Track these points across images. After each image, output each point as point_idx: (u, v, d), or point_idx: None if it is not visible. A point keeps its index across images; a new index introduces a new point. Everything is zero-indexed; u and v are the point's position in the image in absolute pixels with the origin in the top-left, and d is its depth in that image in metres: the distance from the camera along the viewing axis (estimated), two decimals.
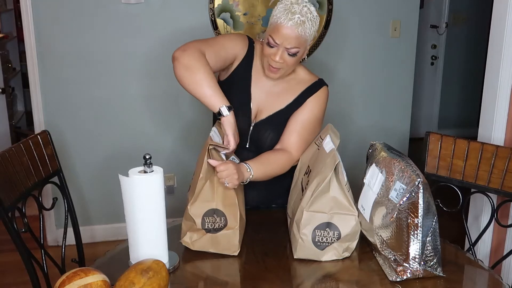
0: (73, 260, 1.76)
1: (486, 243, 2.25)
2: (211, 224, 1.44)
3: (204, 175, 1.44)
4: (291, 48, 1.58)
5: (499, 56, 2.09)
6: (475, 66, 5.09)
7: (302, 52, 1.63)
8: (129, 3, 2.87)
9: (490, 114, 2.17)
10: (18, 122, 4.63)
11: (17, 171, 1.57)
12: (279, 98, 1.74)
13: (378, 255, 1.42)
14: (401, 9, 3.28)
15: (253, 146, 1.75)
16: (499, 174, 1.70)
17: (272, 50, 1.61)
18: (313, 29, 1.59)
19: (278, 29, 1.57)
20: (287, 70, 1.68)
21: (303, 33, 1.56)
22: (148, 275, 1.16)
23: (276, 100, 1.74)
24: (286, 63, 1.63)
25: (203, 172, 1.44)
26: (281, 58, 1.61)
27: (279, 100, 1.74)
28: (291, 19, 1.55)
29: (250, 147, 1.75)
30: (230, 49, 1.72)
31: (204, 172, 1.44)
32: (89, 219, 3.13)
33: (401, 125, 3.51)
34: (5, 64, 4.08)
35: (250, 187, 1.63)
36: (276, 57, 1.61)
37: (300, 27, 1.55)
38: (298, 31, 1.56)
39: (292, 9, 1.56)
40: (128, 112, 3.04)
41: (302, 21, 1.55)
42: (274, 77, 1.69)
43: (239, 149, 1.69)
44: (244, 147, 1.74)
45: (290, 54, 1.60)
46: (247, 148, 1.75)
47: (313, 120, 1.73)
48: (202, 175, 1.44)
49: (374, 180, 1.43)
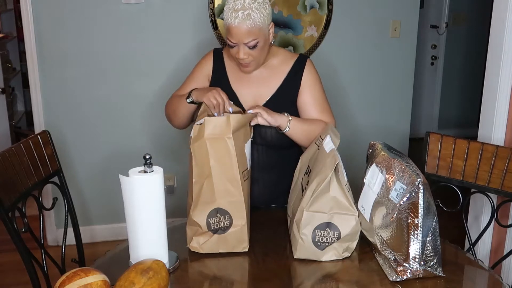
0: (73, 260, 1.76)
1: (486, 243, 2.25)
2: (216, 225, 1.44)
3: (198, 178, 1.43)
4: (248, 42, 1.63)
5: (499, 56, 2.09)
6: (475, 66, 5.09)
7: (263, 40, 1.66)
8: (129, 3, 2.87)
9: (490, 114, 2.17)
10: (18, 122, 4.63)
11: (17, 171, 1.57)
12: (266, 85, 1.79)
13: (378, 255, 1.42)
14: (401, 9, 3.28)
15: (259, 138, 1.75)
16: (499, 174, 1.70)
17: (234, 50, 1.67)
18: (262, 16, 1.62)
19: (229, 30, 1.63)
20: (258, 61, 1.72)
21: (253, 24, 1.60)
22: (148, 275, 1.16)
23: (265, 87, 1.78)
24: (253, 56, 1.68)
25: (195, 176, 1.43)
26: (245, 54, 1.66)
27: (268, 86, 1.79)
28: (236, 17, 1.59)
29: (255, 139, 1.75)
30: (199, 76, 1.84)
31: (196, 176, 1.43)
32: (89, 219, 3.13)
33: (401, 125, 3.51)
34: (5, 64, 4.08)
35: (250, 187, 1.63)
36: (240, 55, 1.66)
37: (247, 21, 1.59)
38: (247, 25, 1.60)
39: (235, 6, 1.60)
40: (128, 112, 3.04)
41: (247, 15, 1.59)
42: (250, 72, 1.75)
43: None
44: None
45: (251, 47, 1.65)
46: (252, 141, 1.75)
47: (320, 93, 1.81)
48: (196, 179, 1.43)
49: (374, 180, 1.43)
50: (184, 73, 3.02)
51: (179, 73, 3.05)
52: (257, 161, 1.78)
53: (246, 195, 1.48)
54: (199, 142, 1.42)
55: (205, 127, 1.42)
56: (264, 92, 1.78)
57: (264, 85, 1.78)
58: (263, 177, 1.79)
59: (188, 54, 3.02)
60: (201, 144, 1.42)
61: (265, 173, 1.80)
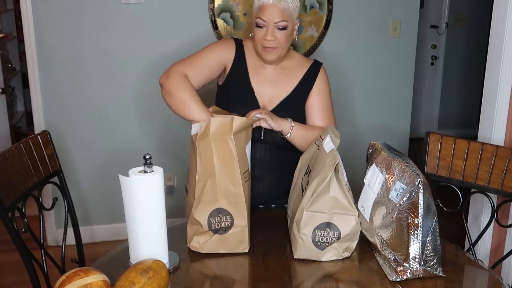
0: (73, 260, 1.76)
1: (486, 243, 2.25)
2: (217, 224, 1.44)
3: (201, 176, 1.43)
4: (279, 22, 1.67)
5: (499, 56, 2.09)
6: (475, 66, 5.09)
7: (291, 27, 1.70)
8: (129, 3, 2.87)
9: (490, 114, 2.17)
10: (18, 122, 4.63)
11: (17, 171, 1.57)
12: (282, 86, 1.80)
13: (378, 255, 1.42)
14: (401, 9, 3.28)
15: (268, 137, 1.76)
16: (499, 174, 1.70)
17: (262, 31, 1.69)
18: (294, 4, 1.69)
19: (262, 9, 1.67)
20: (282, 49, 1.73)
21: (286, 6, 1.66)
22: (148, 275, 1.16)
23: (280, 88, 1.80)
24: (279, 40, 1.69)
25: (198, 173, 1.42)
26: (272, 35, 1.68)
27: (283, 88, 1.80)
28: None
29: (265, 137, 1.76)
30: (214, 60, 1.79)
31: (200, 173, 1.43)
32: (89, 219, 3.13)
33: (401, 125, 3.51)
34: (5, 64, 4.08)
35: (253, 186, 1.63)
36: (267, 36, 1.68)
37: (281, 1, 1.66)
38: (281, 5, 1.66)
39: None
40: (128, 112, 3.04)
41: None
42: (272, 59, 1.74)
43: (254, 142, 1.72)
44: (259, 139, 1.76)
45: (280, 28, 1.68)
46: (262, 140, 1.77)
47: (328, 100, 1.84)
48: (199, 177, 1.42)
49: (374, 180, 1.43)
50: None
51: None
52: (264, 159, 1.79)
53: (247, 196, 1.48)
54: (205, 140, 1.43)
55: (211, 126, 1.42)
56: (279, 92, 1.80)
57: (279, 85, 1.80)
58: (267, 175, 1.80)
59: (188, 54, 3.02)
60: (207, 143, 1.42)
61: (270, 172, 1.81)
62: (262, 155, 1.78)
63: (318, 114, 1.81)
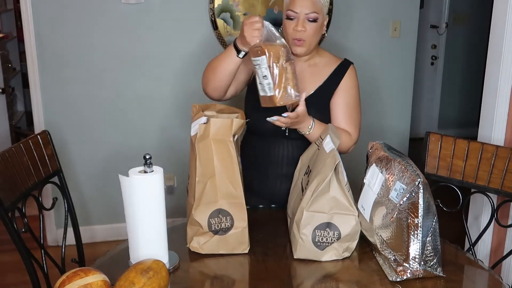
0: (73, 260, 1.76)
1: (486, 243, 2.25)
2: (217, 225, 1.44)
3: (201, 178, 1.43)
4: (310, 13, 1.68)
5: (499, 56, 2.09)
6: (475, 66, 5.09)
7: (321, 20, 1.72)
8: (129, 3, 2.87)
9: (490, 114, 2.17)
10: (18, 122, 4.63)
11: (17, 171, 1.57)
12: (308, 83, 1.79)
13: (378, 255, 1.42)
14: (401, 9, 3.28)
15: (293, 133, 1.74)
16: (499, 174, 1.70)
17: (293, 23, 1.70)
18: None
19: (294, 1, 1.68)
20: (310, 43, 1.73)
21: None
22: (148, 275, 1.16)
23: (307, 83, 1.79)
24: (308, 32, 1.69)
25: (198, 175, 1.42)
26: (303, 26, 1.68)
27: (310, 84, 1.79)
28: None
29: (289, 134, 1.75)
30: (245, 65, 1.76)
31: (200, 175, 1.42)
32: (89, 219, 3.13)
33: (401, 125, 3.51)
34: (5, 64, 4.08)
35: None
36: (298, 27, 1.68)
37: None
38: None
39: None
40: (128, 112, 3.04)
41: None
42: (302, 52, 1.74)
43: (280, 139, 1.73)
44: (284, 136, 1.75)
45: (311, 20, 1.69)
46: (287, 137, 1.76)
47: (354, 99, 1.82)
48: (199, 178, 1.43)
49: (374, 180, 1.43)
50: (184, 73, 3.05)
51: (179, 73, 3.05)
52: (291, 155, 1.76)
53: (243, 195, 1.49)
54: (205, 142, 1.42)
55: (211, 127, 1.42)
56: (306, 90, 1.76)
57: (306, 81, 1.78)
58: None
59: (188, 54, 3.02)
60: (206, 144, 1.42)
61: None
62: (290, 152, 1.77)
63: (341, 113, 1.79)
